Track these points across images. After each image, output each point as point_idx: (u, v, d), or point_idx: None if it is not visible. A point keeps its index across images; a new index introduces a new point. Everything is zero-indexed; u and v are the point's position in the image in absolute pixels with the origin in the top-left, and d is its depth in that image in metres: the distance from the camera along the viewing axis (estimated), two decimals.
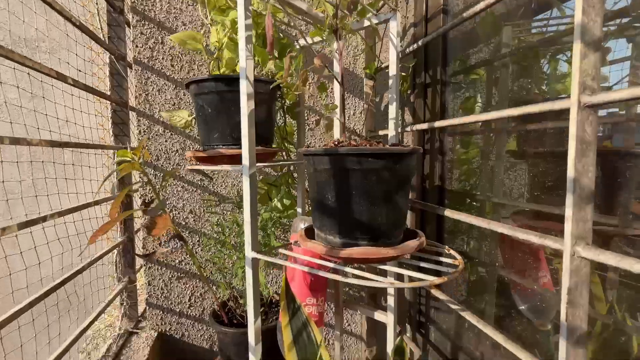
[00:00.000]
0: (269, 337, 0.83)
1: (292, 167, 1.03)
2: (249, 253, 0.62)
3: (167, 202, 1.21)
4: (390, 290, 0.81)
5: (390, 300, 0.79)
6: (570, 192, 0.38)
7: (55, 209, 0.82)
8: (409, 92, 0.95)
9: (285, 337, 0.65)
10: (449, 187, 0.87)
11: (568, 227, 0.39)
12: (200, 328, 1.26)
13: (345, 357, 1.33)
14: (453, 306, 0.62)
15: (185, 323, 1.25)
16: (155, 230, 0.69)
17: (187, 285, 1.24)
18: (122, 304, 1.23)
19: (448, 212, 0.64)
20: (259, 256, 0.61)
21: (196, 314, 1.26)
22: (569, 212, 0.39)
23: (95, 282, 1.18)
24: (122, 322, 1.23)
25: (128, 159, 0.71)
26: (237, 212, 1.21)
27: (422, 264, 0.56)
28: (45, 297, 0.75)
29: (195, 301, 1.25)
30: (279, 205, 1.05)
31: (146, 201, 0.82)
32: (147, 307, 1.24)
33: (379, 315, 0.83)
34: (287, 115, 0.99)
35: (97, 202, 1.03)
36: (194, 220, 1.23)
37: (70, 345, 0.86)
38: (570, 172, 0.38)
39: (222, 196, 1.25)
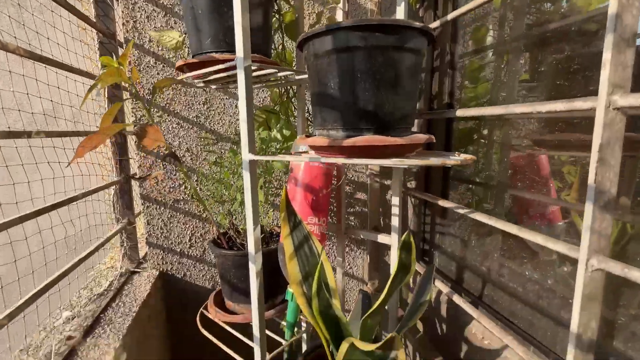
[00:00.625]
0: (270, 260, 0.81)
1: (291, 93, 0.97)
2: (246, 156, 0.58)
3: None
4: (395, 210, 0.78)
5: (395, 221, 0.77)
6: (611, 31, 0.33)
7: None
8: (417, 6, 0.87)
9: (287, 247, 0.63)
10: (459, 106, 0.81)
11: (605, 73, 0.34)
12: (202, 268, 1.26)
13: (347, 298, 1.34)
14: (461, 210, 0.59)
15: (186, 263, 1.25)
16: (145, 139, 0.65)
17: (187, 226, 1.23)
18: (122, 245, 1.22)
19: (460, 112, 0.59)
20: (257, 157, 0.57)
21: (197, 255, 1.25)
22: (607, 55, 0.34)
23: (92, 216, 1.16)
24: (123, 262, 1.22)
25: (113, 65, 0.66)
26: (235, 149, 1.17)
27: (432, 158, 0.52)
28: (36, 215, 0.72)
29: (195, 241, 1.24)
30: (278, 135, 1.01)
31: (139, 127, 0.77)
32: (148, 247, 1.23)
33: (382, 238, 0.81)
34: (285, 38, 0.92)
35: (87, 132, 0.98)
36: (191, 159, 1.19)
37: (69, 271, 0.85)
38: (613, 6, 0.33)
39: (220, 134, 1.20)
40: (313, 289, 0.57)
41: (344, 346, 0.49)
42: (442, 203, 0.65)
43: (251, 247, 0.61)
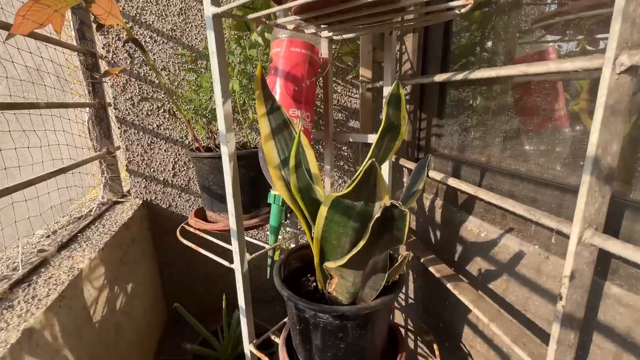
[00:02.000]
0: (251, 165, 0.75)
1: None
2: (208, 10, 0.50)
3: (135, 56, 1.06)
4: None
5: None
6: None
7: None
8: None
9: (263, 128, 0.56)
10: None
11: None
12: (188, 198, 1.21)
13: None
14: (459, 77, 0.51)
15: (171, 193, 1.19)
16: (95, 7, 0.55)
17: (169, 153, 1.16)
18: (102, 175, 1.16)
19: None
20: (221, 9, 0.48)
21: (182, 184, 1.19)
22: None
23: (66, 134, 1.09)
24: (104, 192, 1.16)
25: None
26: None
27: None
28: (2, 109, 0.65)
29: (179, 170, 1.18)
30: (259, 39, 0.91)
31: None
32: (129, 176, 1.17)
33: (373, 138, 0.74)
34: None
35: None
36: (168, 79, 1.10)
37: (38, 180, 0.78)
38: None
39: (198, 51, 1.10)
40: (290, 164, 0.50)
41: (323, 210, 0.43)
42: (438, 78, 0.57)
43: (221, 124, 0.54)
